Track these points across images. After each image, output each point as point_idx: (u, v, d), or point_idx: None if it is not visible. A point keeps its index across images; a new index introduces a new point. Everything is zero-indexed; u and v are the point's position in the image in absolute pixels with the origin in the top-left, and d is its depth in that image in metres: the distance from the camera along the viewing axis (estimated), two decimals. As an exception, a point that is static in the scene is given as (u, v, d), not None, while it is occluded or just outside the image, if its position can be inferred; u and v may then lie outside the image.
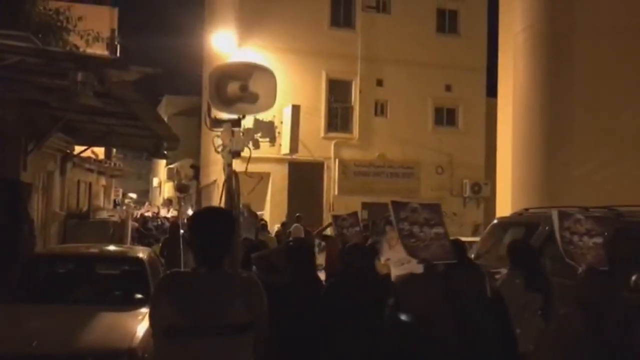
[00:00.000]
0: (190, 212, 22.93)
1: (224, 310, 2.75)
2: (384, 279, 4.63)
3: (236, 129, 5.49)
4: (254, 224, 9.42)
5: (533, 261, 5.04)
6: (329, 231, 10.87)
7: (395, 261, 5.35)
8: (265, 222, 12.78)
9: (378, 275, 4.51)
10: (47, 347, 5.29)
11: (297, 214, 15.28)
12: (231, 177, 5.30)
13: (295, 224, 12.14)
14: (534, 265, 5.01)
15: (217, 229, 2.90)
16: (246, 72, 5.17)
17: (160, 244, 13.17)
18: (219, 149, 5.46)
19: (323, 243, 10.70)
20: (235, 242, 3.82)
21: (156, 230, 19.97)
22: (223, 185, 5.19)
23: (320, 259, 9.48)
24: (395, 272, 5.13)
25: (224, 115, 5.47)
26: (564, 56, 11.07)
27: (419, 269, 4.32)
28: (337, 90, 21.83)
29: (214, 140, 5.66)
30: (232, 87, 5.00)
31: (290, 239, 9.58)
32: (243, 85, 4.98)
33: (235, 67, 5.79)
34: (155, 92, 33.28)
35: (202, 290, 2.76)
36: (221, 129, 5.45)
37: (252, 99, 5.08)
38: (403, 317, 3.68)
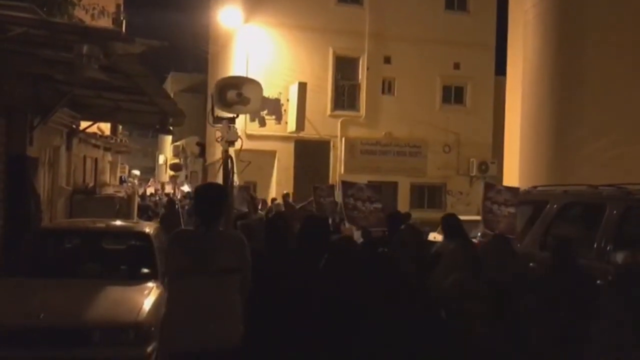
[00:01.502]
0: (185, 188, 23.04)
1: (217, 257, 3.75)
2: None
3: (232, 124, 7.33)
4: (246, 198, 11.47)
5: (462, 231, 5.88)
6: None
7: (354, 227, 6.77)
8: (255, 198, 14.28)
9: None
10: (54, 320, 5.32)
11: (285, 192, 16.41)
12: (227, 160, 7.15)
13: (277, 201, 13.46)
14: (463, 234, 5.88)
15: (213, 198, 3.92)
16: (241, 83, 7.32)
17: (159, 218, 13.92)
18: (219, 140, 7.50)
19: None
20: (228, 209, 5.02)
21: (155, 206, 20.14)
22: (220, 165, 6.84)
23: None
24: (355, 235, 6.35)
25: (223, 115, 7.36)
26: (575, 32, 10.89)
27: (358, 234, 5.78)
28: (344, 68, 21.65)
29: (215, 133, 7.70)
30: (231, 94, 7.03)
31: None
32: (239, 93, 6.95)
33: (234, 79, 8.34)
34: (161, 69, 33.15)
35: (201, 243, 3.79)
36: (220, 125, 7.40)
37: (245, 102, 7.05)
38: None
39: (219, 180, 7.52)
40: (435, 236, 13.19)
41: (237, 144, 7.31)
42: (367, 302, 3.92)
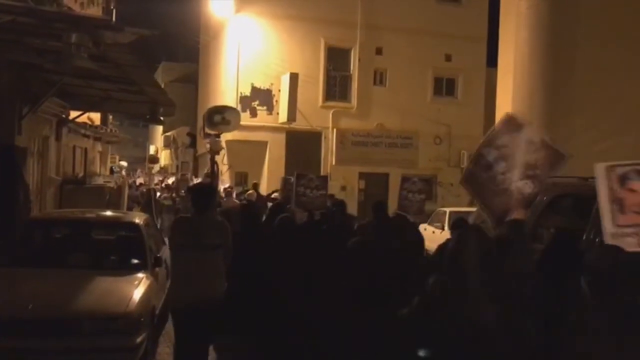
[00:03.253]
0: (170, 180, 23.36)
1: (207, 236, 5.07)
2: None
3: (217, 139, 11.08)
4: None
5: (385, 212, 7.17)
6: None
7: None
8: (231, 189, 15.61)
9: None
10: (43, 310, 5.29)
11: (254, 182, 17.39)
12: (213, 166, 11.11)
13: (250, 190, 14.58)
14: (386, 215, 7.17)
15: (204, 195, 5.40)
16: (225, 110, 11.75)
17: (140, 208, 15.05)
18: (207, 149, 11.20)
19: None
20: (214, 202, 6.13)
21: (141, 197, 20.08)
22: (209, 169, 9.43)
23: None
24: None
25: (211, 132, 10.92)
26: (567, 24, 10.89)
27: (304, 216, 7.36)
28: (336, 59, 21.59)
29: (205, 144, 11.38)
30: (217, 117, 11.18)
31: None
32: (223, 117, 10.67)
33: (219, 107, 12.59)
34: (152, 59, 32.95)
35: (194, 225, 5.19)
36: (209, 139, 11.37)
37: (227, 124, 10.87)
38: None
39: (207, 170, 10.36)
40: (425, 227, 13.25)
41: (227, 138, 9.10)
42: (312, 264, 4.86)
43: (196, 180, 17.97)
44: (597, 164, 3.81)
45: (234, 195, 14.70)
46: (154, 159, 36.19)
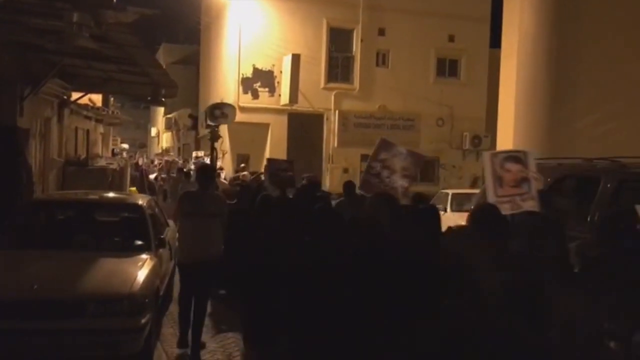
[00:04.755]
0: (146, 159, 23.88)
1: (207, 207, 6.24)
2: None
3: (216, 129, 12.65)
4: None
5: (354, 191, 7.66)
6: None
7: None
8: (221, 170, 16.66)
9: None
10: (47, 291, 5.29)
11: (242, 164, 18.50)
12: (213, 150, 12.67)
13: (244, 172, 15.76)
14: (354, 193, 7.61)
15: (206, 174, 6.58)
16: (223, 106, 13.46)
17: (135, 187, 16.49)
18: (207, 138, 13.62)
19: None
20: (214, 180, 7.37)
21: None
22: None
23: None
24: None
25: (211, 124, 12.80)
26: (572, 6, 10.79)
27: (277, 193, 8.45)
28: (338, 39, 21.43)
29: (206, 134, 14.25)
30: (217, 112, 13.02)
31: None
32: (222, 112, 12.42)
33: (219, 104, 13.94)
34: (152, 40, 32.71)
35: (197, 198, 6.35)
36: (209, 130, 13.05)
37: (225, 117, 12.52)
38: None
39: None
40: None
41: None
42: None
43: (183, 162, 19.10)
44: (484, 152, 5.24)
45: (222, 176, 15.85)
46: (143, 145, 41.65)
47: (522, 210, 4.72)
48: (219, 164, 16.39)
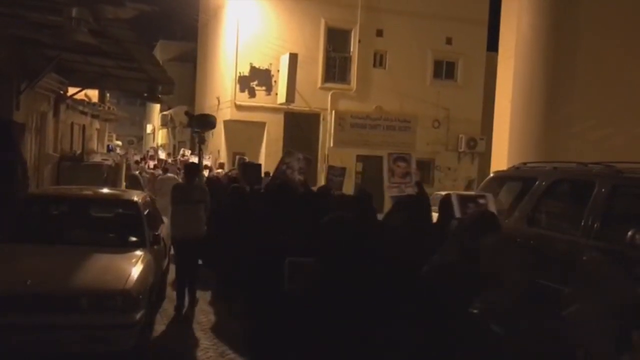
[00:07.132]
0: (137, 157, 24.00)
1: (193, 195, 7.81)
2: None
3: (202, 134, 12.52)
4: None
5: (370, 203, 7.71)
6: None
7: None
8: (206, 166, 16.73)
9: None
10: (41, 286, 5.27)
11: (220, 161, 18.78)
12: (201, 151, 12.53)
13: (219, 170, 15.89)
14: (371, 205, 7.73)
15: (191, 170, 8.29)
16: (208, 115, 13.20)
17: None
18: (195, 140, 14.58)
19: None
20: (198, 175, 9.21)
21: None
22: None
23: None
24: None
25: (197, 129, 12.49)
26: (570, 10, 10.83)
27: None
28: (336, 40, 21.44)
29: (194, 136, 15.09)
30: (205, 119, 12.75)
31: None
32: (209, 120, 12.24)
33: (205, 115, 13.91)
34: (149, 37, 32.60)
35: (185, 189, 7.92)
36: (196, 135, 12.84)
37: (212, 122, 12.22)
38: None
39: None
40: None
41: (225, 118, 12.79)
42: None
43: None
44: (384, 154, 6.61)
45: (206, 173, 15.88)
46: (132, 142, 44.03)
47: (405, 194, 6.38)
48: (205, 162, 16.49)
